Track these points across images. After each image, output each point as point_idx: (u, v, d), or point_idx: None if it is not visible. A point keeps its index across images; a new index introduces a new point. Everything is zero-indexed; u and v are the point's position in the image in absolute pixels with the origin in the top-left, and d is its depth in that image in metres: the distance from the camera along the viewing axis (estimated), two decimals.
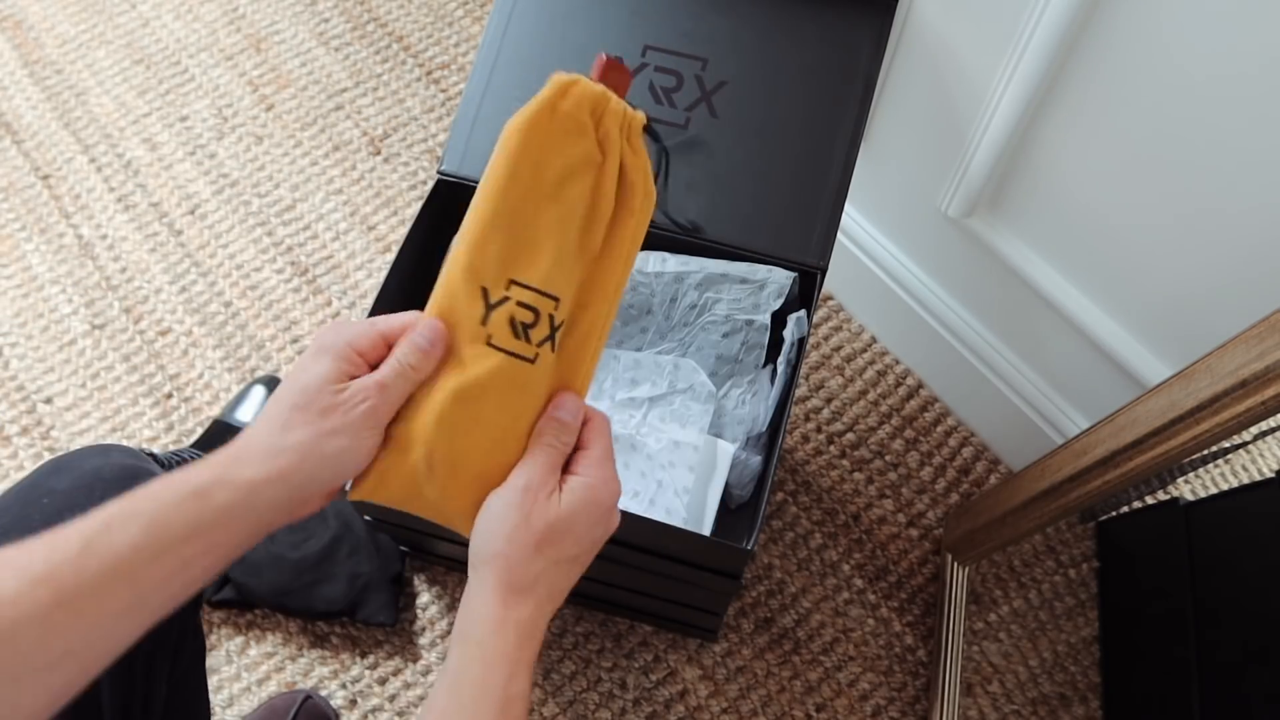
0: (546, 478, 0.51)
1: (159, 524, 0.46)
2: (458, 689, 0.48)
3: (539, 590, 0.50)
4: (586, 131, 0.49)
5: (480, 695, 0.48)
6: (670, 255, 0.87)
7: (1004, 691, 1.01)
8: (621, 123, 0.50)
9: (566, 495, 0.51)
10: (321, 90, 1.46)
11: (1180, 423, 0.72)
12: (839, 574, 1.11)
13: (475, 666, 0.49)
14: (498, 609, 0.49)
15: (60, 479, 0.61)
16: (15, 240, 1.31)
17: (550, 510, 0.50)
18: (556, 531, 0.50)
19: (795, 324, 0.84)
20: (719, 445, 0.84)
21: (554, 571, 0.51)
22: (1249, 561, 0.78)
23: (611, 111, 0.50)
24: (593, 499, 0.52)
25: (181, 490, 0.47)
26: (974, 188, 0.96)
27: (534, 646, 0.50)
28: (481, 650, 0.49)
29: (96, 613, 0.44)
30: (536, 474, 0.51)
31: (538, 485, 0.51)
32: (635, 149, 0.51)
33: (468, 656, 0.49)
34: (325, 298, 1.28)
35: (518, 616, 0.49)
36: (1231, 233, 0.78)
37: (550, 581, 0.51)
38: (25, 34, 1.50)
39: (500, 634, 0.49)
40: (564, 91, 0.49)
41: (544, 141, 0.49)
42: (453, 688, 0.49)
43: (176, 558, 0.46)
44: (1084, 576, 0.97)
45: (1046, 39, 0.80)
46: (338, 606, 1.02)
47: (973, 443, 1.19)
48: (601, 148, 0.50)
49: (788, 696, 1.05)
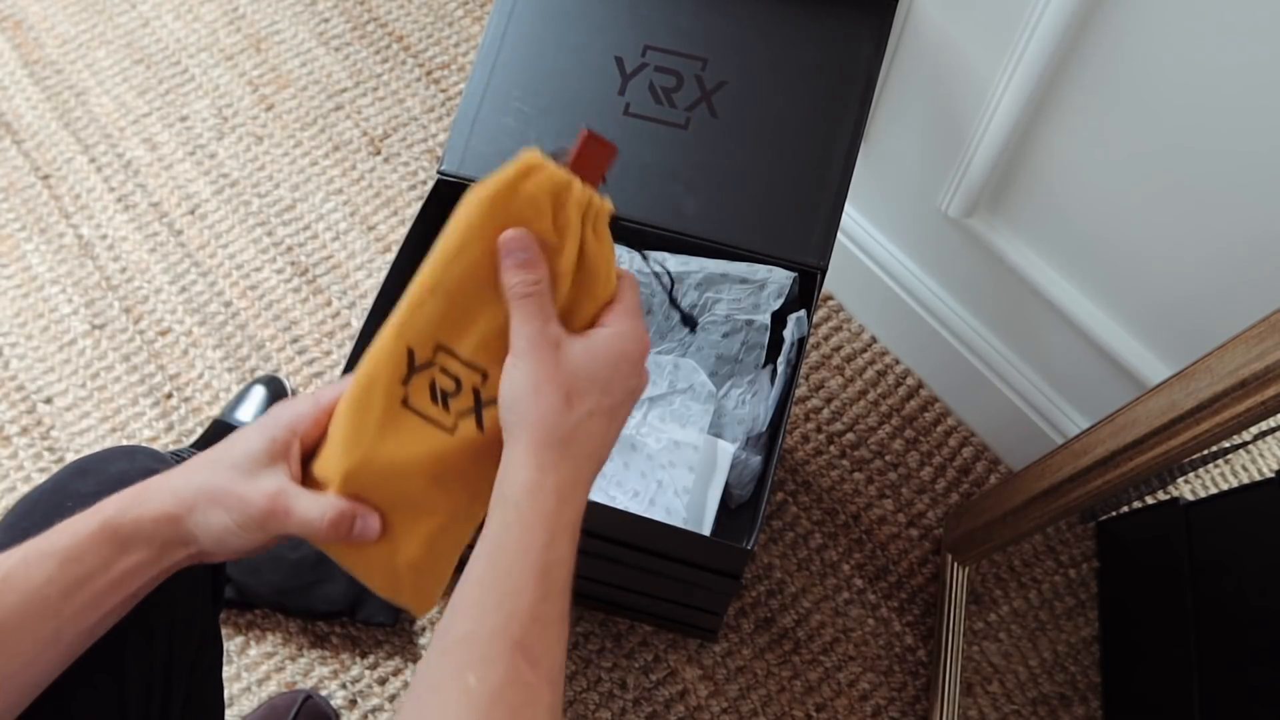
0: (542, 328, 0.48)
1: (72, 559, 0.47)
2: (496, 556, 0.46)
3: (575, 447, 0.48)
4: (544, 216, 0.49)
5: (519, 560, 0.46)
6: (670, 255, 0.87)
7: (1004, 691, 1.01)
8: (585, 210, 0.49)
9: (593, 342, 0.49)
10: (321, 90, 1.46)
11: (1180, 423, 0.72)
12: (839, 574, 1.11)
13: (513, 532, 0.46)
14: (534, 472, 0.47)
15: (85, 482, 0.61)
16: (15, 240, 1.31)
17: (566, 361, 0.48)
18: (584, 380, 0.48)
19: (795, 324, 0.84)
20: (719, 445, 0.84)
21: (589, 424, 0.48)
22: (1249, 561, 0.78)
23: (574, 201, 0.49)
24: (621, 350, 0.49)
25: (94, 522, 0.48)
26: (974, 188, 0.96)
27: (575, 509, 0.48)
28: (519, 514, 0.47)
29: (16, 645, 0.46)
30: (528, 328, 0.48)
31: (537, 338, 0.48)
32: (599, 236, 0.50)
33: (505, 522, 0.47)
34: (325, 298, 1.28)
35: (556, 478, 0.47)
36: (1231, 233, 0.78)
37: (586, 436, 0.48)
38: (25, 34, 1.50)
39: (537, 496, 0.47)
40: (528, 173, 0.48)
41: (501, 217, 0.49)
42: (491, 555, 0.46)
43: (88, 592, 0.48)
44: (1084, 576, 0.97)
45: (1046, 39, 0.80)
46: (338, 606, 1.02)
47: (973, 443, 1.19)
48: (558, 233, 0.49)
49: (788, 696, 1.05)
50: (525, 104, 0.89)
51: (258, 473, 0.49)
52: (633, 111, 0.88)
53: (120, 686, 0.59)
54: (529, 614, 0.45)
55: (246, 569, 1.02)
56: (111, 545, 0.48)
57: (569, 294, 0.50)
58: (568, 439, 0.47)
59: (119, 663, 0.59)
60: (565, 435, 0.47)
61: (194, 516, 0.49)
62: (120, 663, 0.59)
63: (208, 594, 0.70)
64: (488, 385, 0.50)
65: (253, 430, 0.51)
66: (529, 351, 0.48)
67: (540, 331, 0.48)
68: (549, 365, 0.48)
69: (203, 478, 0.50)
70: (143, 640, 0.60)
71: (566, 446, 0.47)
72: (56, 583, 0.47)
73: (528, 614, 0.45)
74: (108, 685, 0.59)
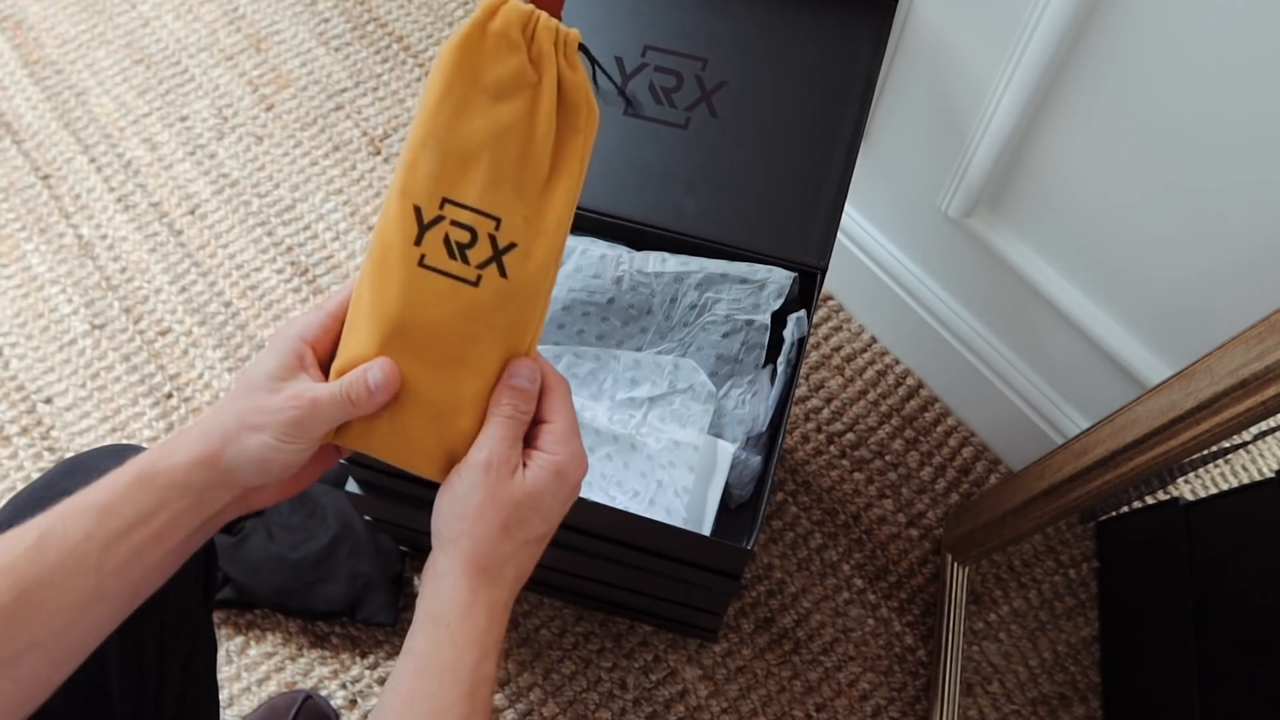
0: (508, 453, 0.49)
1: (109, 512, 0.47)
2: (426, 672, 0.47)
3: (508, 571, 0.49)
4: (518, 49, 0.49)
5: (448, 679, 0.47)
6: (670, 255, 0.87)
7: (1004, 691, 1.01)
8: (555, 39, 0.49)
9: (532, 473, 0.49)
10: (321, 90, 1.46)
11: (1180, 423, 0.72)
12: (839, 574, 1.11)
13: (445, 650, 0.47)
14: (466, 592, 0.48)
15: (75, 480, 0.61)
16: (15, 240, 1.31)
17: (516, 489, 0.49)
18: (524, 510, 0.49)
19: (795, 324, 0.84)
20: (719, 445, 0.84)
21: (523, 552, 0.50)
22: (1249, 561, 0.78)
23: (543, 28, 0.49)
24: (560, 476, 0.50)
25: (129, 474, 0.48)
26: (974, 188, 0.96)
27: (501, 628, 0.49)
28: (450, 633, 0.48)
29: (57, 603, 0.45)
30: (498, 450, 0.49)
31: (499, 462, 0.49)
32: (573, 65, 0.50)
33: (437, 640, 0.48)
34: (326, 297, 1.28)
35: (488, 598, 0.48)
36: (1232, 233, 0.78)
37: (519, 561, 0.50)
38: (25, 34, 1.50)
39: (470, 617, 0.48)
40: (492, 11, 0.49)
41: (475, 60, 0.49)
42: (420, 671, 0.47)
43: (129, 544, 0.47)
44: (1084, 576, 0.97)
45: (1046, 39, 0.80)
46: (338, 606, 1.02)
47: (973, 443, 1.19)
48: (535, 66, 0.49)
49: (788, 696, 1.05)
50: None
51: (279, 386, 0.49)
52: (633, 111, 0.88)
53: (108, 686, 0.59)
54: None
55: (247, 569, 1.02)
56: (148, 494, 0.47)
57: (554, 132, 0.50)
58: (502, 565, 0.49)
59: (106, 662, 0.59)
60: (500, 561, 0.49)
61: (228, 450, 0.48)
62: (107, 662, 0.59)
63: (199, 591, 0.70)
64: (503, 230, 0.50)
65: (264, 354, 0.50)
66: (483, 469, 0.48)
67: (504, 454, 0.49)
68: (496, 490, 0.48)
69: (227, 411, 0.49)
70: (132, 639, 0.61)
71: (500, 571, 0.49)
72: (95, 537, 0.46)
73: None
74: (96, 684, 0.59)
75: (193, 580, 0.69)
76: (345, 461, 0.82)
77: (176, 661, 0.66)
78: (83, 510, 0.47)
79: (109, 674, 0.59)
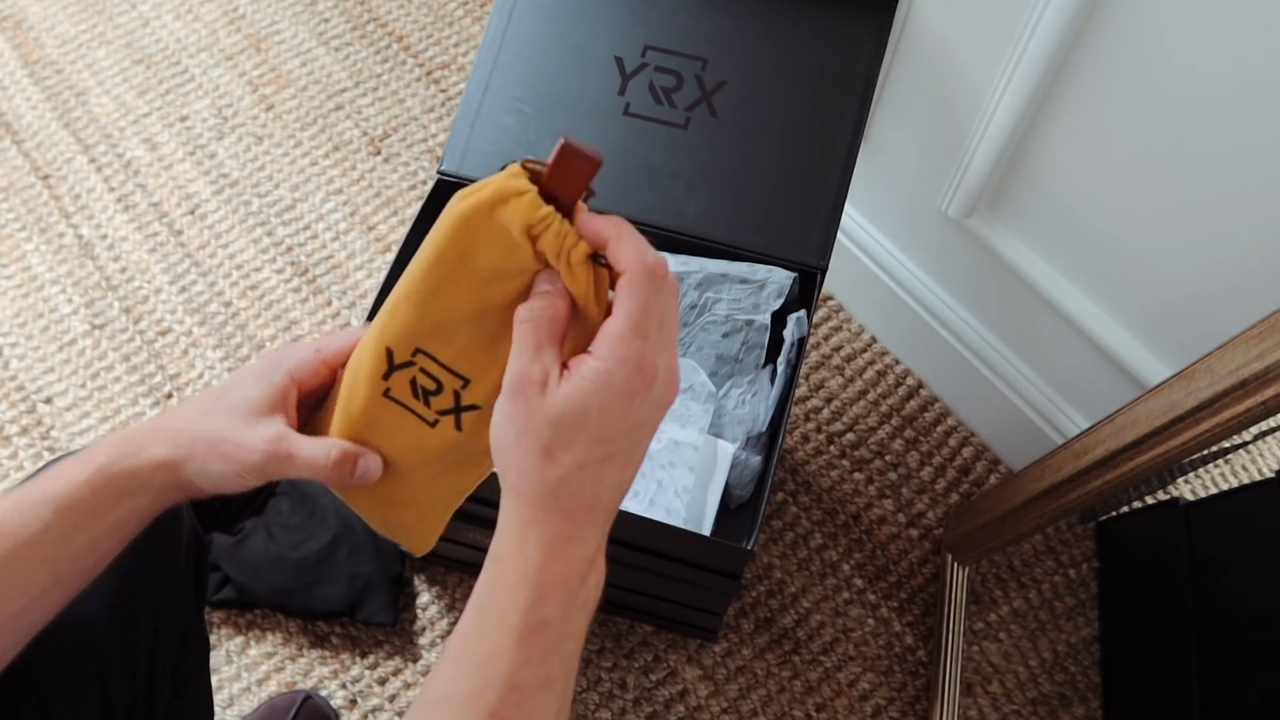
0: (530, 368, 0.43)
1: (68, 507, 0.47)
2: (480, 614, 0.44)
3: (563, 501, 0.43)
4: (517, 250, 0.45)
5: (499, 622, 0.43)
6: (670, 255, 0.87)
7: (1004, 691, 1.01)
8: (560, 250, 0.44)
9: (568, 386, 0.42)
10: (321, 90, 1.46)
11: (1180, 423, 0.72)
12: (839, 574, 1.11)
13: (497, 590, 0.43)
14: (516, 527, 0.43)
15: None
16: (15, 240, 1.31)
17: (550, 407, 0.42)
18: (564, 430, 0.42)
19: (795, 324, 0.84)
20: (719, 445, 0.84)
21: (577, 477, 0.43)
22: (1249, 561, 0.78)
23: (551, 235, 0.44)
24: (606, 387, 0.42)
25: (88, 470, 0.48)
26: (974, 188, 0.96)
27: (568, 566, 0.43)
28: (503, 571, 0.43)
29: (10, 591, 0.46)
30: (519, 367, 0.43)
31: (524, 381, 0.43)
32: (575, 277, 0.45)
33: (491, 579, 0.44)
34: (325, 298, 1.28)
35: (539, 534, 0.43)
36: (1232, 233, 0.78)
37: (576, 489, 0.43)
38: (25, 34, 1.50)
39: (521, 554, 0.43)
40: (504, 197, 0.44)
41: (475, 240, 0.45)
42: (476, 611, 0.44)
43: (86, 537, 0.48)
44: (1084, 576, 0.97)
45: (1046, 39, 0.80)
46: (338, 606, 1.02)
47: (973, 443, 1.19)
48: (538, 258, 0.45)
49: (788, 696, 1.05)
50: (525, 104, 0.89)
51: (256, 421, 0.49)
52: (633, 111, 0.88)
53: (101, 684, 0.59)
54: (506, 681, 0.42)
55: (247, 570, 1.02)
56: (108, 492, 0.48)
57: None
58: (552, 494, 0.43)
59: (98, 660, 0.59)
60: (548, 490, 0.43)
61: (192, 466, 0.49)
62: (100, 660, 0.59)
63: (190, 589, 0.70)
64: (469, 390, 0.49)
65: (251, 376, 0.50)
66: (509, 393, 0.43)
67: (524, 369, 0.43)
68: (527, 412, 0.43)
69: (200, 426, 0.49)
70: (123, 637, 0.61)
71: (552, 502, 0.43)
72: (53, 530, 0.47)
73: (505, 681, 0.42)
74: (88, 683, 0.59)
75: (185, 578, 0.69)
76: None
77: (169, 659, 0.66)
78: (39, 503, 0.47)
79: (101, 669, 0.59)
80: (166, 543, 0.65)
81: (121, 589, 0.61)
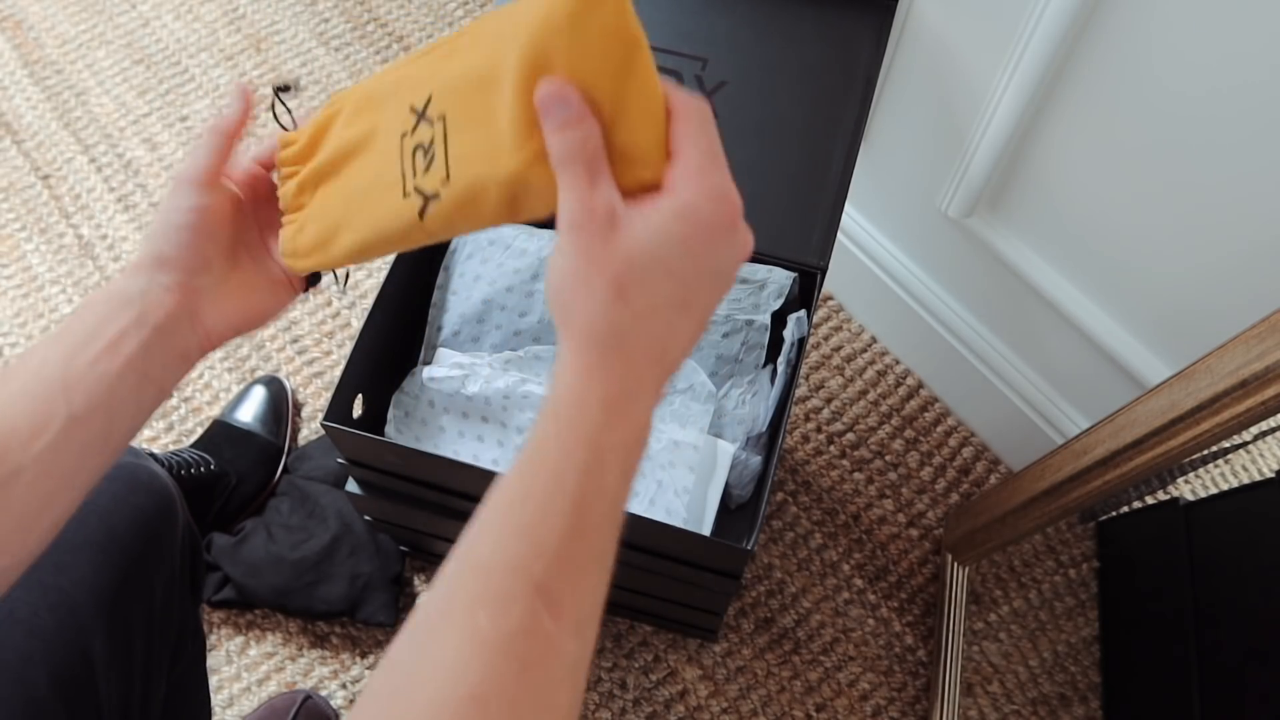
0: (590, 201, 0.38)
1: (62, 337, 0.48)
2: (531, 473, 0.39)
3: (631, 350, 0.39)
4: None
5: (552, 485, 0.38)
6: None
7: (1004, 691, 1.01)
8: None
9: (645, 221, 0.38)
10: (321, 90, 1.46)
11: (1180, 423, 0.72)
12: (839, 574, 1.11)
13: (550, 448, 0.38)
14: (579, 378, 0.39)
15: None
16: (15, 240, 1.31)
17: (623, 244, 0.38)
18: (640, 269, 0.38)
19: (795, 324, 0.84)
20: (719, 445, 0.84)
21: (650, 322, 0.39)
22: (1249, 561, 0.78)
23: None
24: (688, 220, 0.38)
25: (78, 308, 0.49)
26: (974, 188, 0.96)
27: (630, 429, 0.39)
28: (559, 427, 0.39)
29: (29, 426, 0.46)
30: (573, 203, 0.38)
31: (583, 217, 0.38)
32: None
33: (545, 433, 0.39)
34: (325, 298, 1.28)
35: (603, 388, 0.38)
36: (1231, 233, 0.78)
37: (648, 336, 0.39)
38: (25, 34, 1.50)
39: (581, 409, 0.38)
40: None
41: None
42: (526, 471, 0.39)
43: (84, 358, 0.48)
44: (1084, 576, 0.97)
45: (1046, 39, 0.80)
46: (338, 607, 1.02)
47: (973, 443, 1.19)
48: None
49: (788, 696, 1.05)
50: None
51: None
52: None
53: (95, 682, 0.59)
54: (556, 552, 0.37)
55: (247, 569, 1.02)
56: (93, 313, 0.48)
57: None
58: (620, 340, 0.38)
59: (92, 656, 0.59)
60: (617, 336, 0.38)
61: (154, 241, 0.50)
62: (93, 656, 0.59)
63: (185, 586, 0.70)
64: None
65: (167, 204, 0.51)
66: (573, 231, 0.38)
67: (586, 205, 0.38)
68: (596, 248, 0.38)
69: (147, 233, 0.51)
70: (117, 635, 0.61)
71: (618, 350, 0.38)
72: (51, 359, 0.47)
73: (554, 552, 0.37)
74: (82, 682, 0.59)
75: (180, 576, 0.69)
76: (343, 461, 0.82)
77: (164, 656, 0.66)
78: (40, 344, 0.48)
79: (95, 669, 0.59)
80: (160, 540, 0.66)
81: (115, 586, 0.61)
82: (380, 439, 0.75)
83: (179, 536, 0.69)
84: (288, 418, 1.15)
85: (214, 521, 1.07)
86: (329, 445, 1.12)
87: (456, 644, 0.36)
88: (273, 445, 1.12)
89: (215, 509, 1.06)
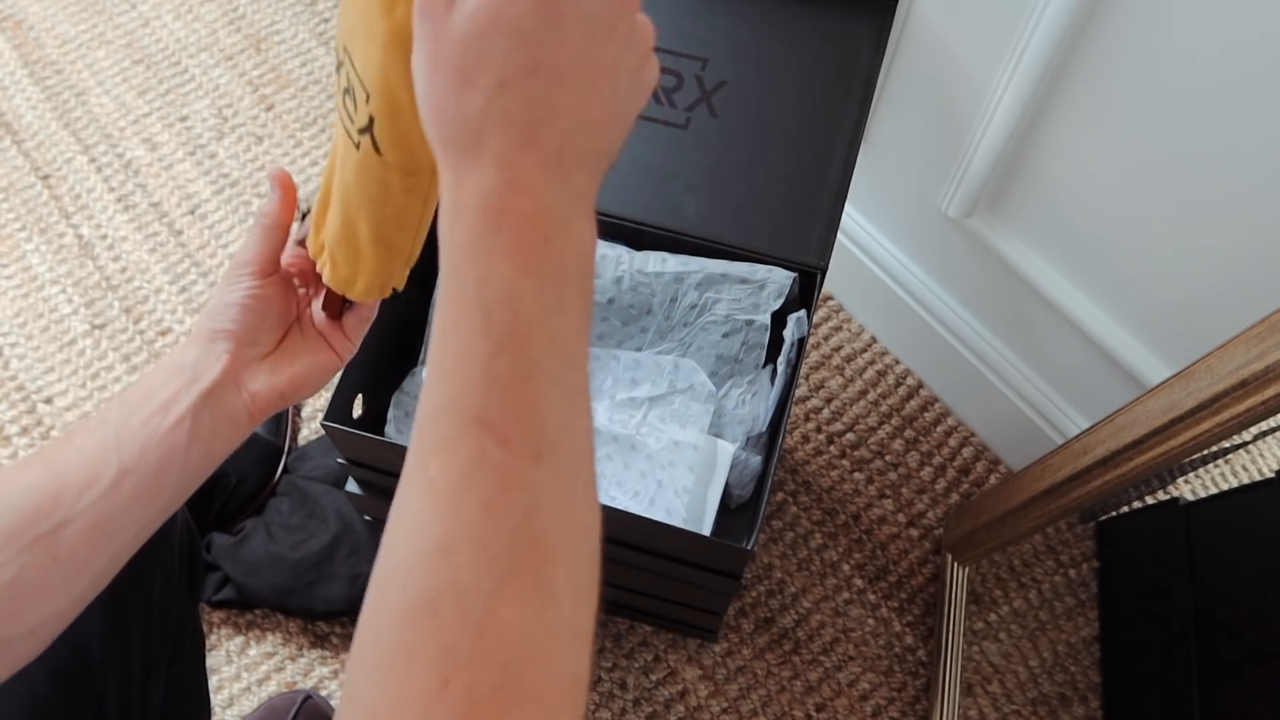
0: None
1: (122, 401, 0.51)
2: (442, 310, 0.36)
3: (491, 138, 0.33)
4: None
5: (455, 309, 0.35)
6: (670, 255, 0.87)
7: (1004, 691, 1.01)
8: None
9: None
10: (321, 90, 1.46)
11: (1180, 423, 0.72)
12: (839, 574, 1.11)
13: (447, 276, 0.35)
14: (450, 188, 0.35)
15: None
16: (15, 240, 1.31)
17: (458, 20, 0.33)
18: (475, 42, 0.33)
19: (795, 324, 0.84)
20: (719, 445, 0.84)
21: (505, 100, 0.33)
22: (1249, 561, 0.78)
23: None
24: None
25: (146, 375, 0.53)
26: (974, 188, 0.96)
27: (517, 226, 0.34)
28: (447, 251, 0.35)
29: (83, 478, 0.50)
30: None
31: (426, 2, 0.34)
32: None
33: (441, 266, 0.36)
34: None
35: (477, 188, 0.34)
36: (1231, 233, 0.78)
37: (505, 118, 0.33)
38: (25, 34, 1.50)
39: (459, 219, 0.34)
40: None
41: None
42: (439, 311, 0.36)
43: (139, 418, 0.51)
44: (1084, 576, 0.97)
45: (1046, 39, 0.80)
46: (338, 607, 1.02)
47: (973, 443, 1.19)
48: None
49: (788, 696, 1.05)
50: None
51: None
52: None
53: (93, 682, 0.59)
54: (482, 377, 0.34)
55: (247, 569, 1.02)
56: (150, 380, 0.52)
57: None
58: (479, 131, 0.34)
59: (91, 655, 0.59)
60: (471, 125, 0.34)
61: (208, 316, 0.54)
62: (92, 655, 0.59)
63: (184, 585, 0.70)
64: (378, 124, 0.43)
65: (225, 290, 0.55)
66: (417, 22, 0.35)
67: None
68: (434, 36, 0.34)
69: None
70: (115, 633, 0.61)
71: (479, 142, 0.34)
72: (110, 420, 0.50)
73: (480, 377, 0.34)
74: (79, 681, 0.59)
75: (178, 574, 0.69)
76: (343, 461, 0.82)
77: (163, 655, 0.66)
78: (103, 408, 0.52)
79: (94, 666, 0.59)
80: (158, 538, 0.66)
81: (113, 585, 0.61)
82: (380, 439, 0.75)
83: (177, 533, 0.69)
84: (288, 417, 1.15)
85: (214, 521, 1.07)
86: (329, 445, 1.12)
87: (417, 502, 0.34)
88: (273, 445, 1.12)
89: (215, 509, 1.06)
